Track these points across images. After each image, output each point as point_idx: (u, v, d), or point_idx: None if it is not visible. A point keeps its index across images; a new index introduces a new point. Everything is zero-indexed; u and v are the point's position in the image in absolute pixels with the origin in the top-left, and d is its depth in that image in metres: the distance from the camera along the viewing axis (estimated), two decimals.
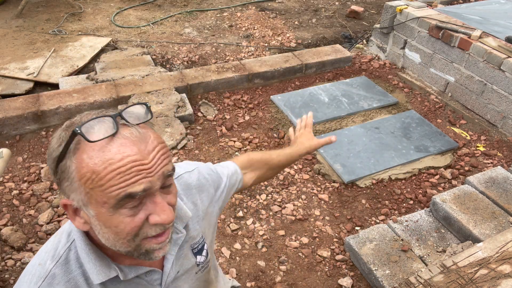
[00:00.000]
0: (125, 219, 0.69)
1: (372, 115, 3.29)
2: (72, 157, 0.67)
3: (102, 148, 0.66)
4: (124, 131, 0.68)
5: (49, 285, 0.76)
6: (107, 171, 0.65)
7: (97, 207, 0.68)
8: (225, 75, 3.43)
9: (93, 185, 0.66)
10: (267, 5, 5.23)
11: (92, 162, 0.66)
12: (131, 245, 0.72)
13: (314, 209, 2.48)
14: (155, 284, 0.88)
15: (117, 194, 0.66)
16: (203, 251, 1.00)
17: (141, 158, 0.67)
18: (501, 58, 2.92)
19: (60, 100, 3.00)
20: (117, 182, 0.65)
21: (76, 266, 0.78)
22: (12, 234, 2.18)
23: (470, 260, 1.69)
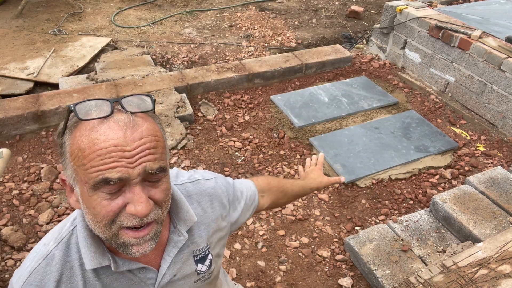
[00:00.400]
0: (102, 201, 0.69)
1: (372, 115, 3.29)
2: (69, 134, 0.70)
3: (92, 128, 0.68)
4: (118, 116, 0.69)
5: (47, 265, 0.79)
6: (90, 150, 0.66)
7: (81, 185, 0.70)
8: (225, 75, 3.43)
9: (79, 163, 0.68)
10: (267, 5, 5.23)
11: (80, 140, 0.68)
12: (108, 232, 0.72)
13: (314, 209, 2.48)
14: (148, 283, 0.87)
15: (95, 176, 0.66)
16: (206, 260, 0.97)
17: (122, 144, 0.67)
18: (501, 58, 2.92)
19: (60, 100, 3.00)
20: (97, 163, 0.66)
21: (75, 250, 0.80)
22: (12, 234, 2.18)
23: (470, 260, 1.69)
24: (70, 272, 0.80)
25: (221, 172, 2.71)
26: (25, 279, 0.79)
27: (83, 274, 0.80)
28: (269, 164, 2.79)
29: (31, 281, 0.79)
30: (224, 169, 2.73)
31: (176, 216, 0.89)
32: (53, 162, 2.71)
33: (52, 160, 2.73)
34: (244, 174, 2.70)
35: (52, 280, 0.79)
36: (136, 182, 0.69)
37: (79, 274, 0.80)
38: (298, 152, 2.90)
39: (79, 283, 0.80)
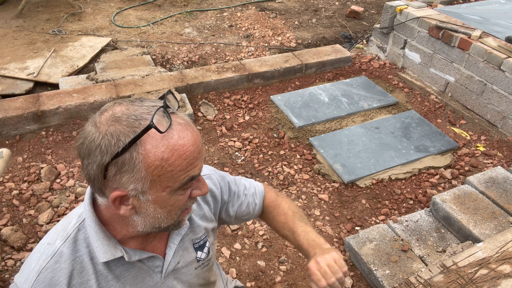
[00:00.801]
0: (179, 197, 0.78)
1: (372, 115, 3.29)
2: (138, 149, 0.70)
3: (164, 136, 0.71)
4: (174, 118, 0.74)
5: (56, 263, 0.80)
6: (175, 157, 0.72)
7: (157, 192, 0.74)
8: (225, 75, 3.43)
9: (162, 172, 0.72)
10: (267, 5, 5.23)
11: (159, 150, 0.71)
12: (175, 219, 0.82)
13: (314, 209, 2.48)
14: (156, 271, 0.91)
15: (183, 178, 0.74)
16: (204, 248, 1.03)
17: (197, 142, 0.76)
18: (501, 58, 2.92)
19: (60, 100, 3.00)
20: (185, 167, 0.74)
21: (83, 246, 0.82)
22: (12, 234, 2.18)
23: (470, 260, 1.69)
24: (81, 267, 0.82)
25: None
26: (34, 278, 0.79)
27: (94, 267, 0.83)
28: (269, 164, 2.79)
29: (42, 280, 0.79)
30: (224, 169, 2.73)
31: None
32: (53, 162, 2.71)
33: (52, 160, 2.73)
34: (244, 174, 2.71)
35: (63, 277, 0.80)
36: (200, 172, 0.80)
37: (90, 268, 0.82)
38: (298, 152, 2.90)
39: (91, 276, 0.82)
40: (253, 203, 1.18)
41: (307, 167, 2.78)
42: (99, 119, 0.73)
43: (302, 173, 2.73)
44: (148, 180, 0.72)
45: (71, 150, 2.81)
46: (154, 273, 0.92)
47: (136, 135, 0.69)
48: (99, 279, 0.84)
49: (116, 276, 0.85)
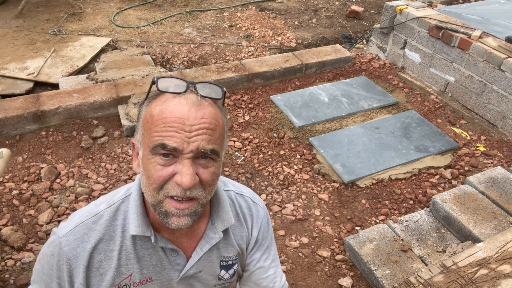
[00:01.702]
0: (156, 166, 0.78)
1: (372, 115, 3.29)
2: (147, 103, 0.82)
3: (166, 100, 0.79)
4: (189, 94, 0.79)
5: (94, 223, 0.88)
6: (157, 117, 0.77)
7: (144, 148, 0.80)
8: (225, 75, 3.43)
9: (147, 127, 0.79)
10: (267, 5, 5.23)
11: (154, 108, 0.79)
12: (155, 197, 0.80)
13: (314, 209, 2.48)
14: (175, 268, 0.93)
15: (156, 140, 0.76)
16: (230, 269, 1.02)
17: (185, 118, 0.76)
18: (501, 58, 2.92)
19: (60, 100, 3.00)
20: (159, 129, 0.76)
21: (121, 217, 0.89)
22: (12, 234, 2.18)
23: (470, 260, 1.69)
24: (112, 236, 0.88)
25: (221, 172, 2.71)
26: (70, 228, 0.87)
27: (122, 240, 0.88)
28: (269, 164, 2.79)
29: (76, 232, 0.87)
30: (224, 169, 2.73)
31: (216, 214, 0.95)
32: (53, 162, 2.71)
33: (52, 160, 2.73)
34: (244, 174, 2.71)
35: (93, 237, 0.87)
36: (188, 156, 0.76)
37: (119, 239, 0.88)
38: (298, 152, 2.90)
39: (116, 247, 0.87)
40: (273, 282, 1.09)
41: (307, 167, 2.78)
42: None
43: (302, 173, 2.73)
44: (141, 133, 0.81)
45: (71, 150, 2.82)
46: (173, 270, 0.93)
47: (148, 91, 0.83)
48: (121, 253, 0.88)
49: (138, 256, 0.89)
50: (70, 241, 0.86)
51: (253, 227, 1.04)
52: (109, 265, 0.88)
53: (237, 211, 1.01)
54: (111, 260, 0.88)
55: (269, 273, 1.08)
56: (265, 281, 1.08)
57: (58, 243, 0.87)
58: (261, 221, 1.05)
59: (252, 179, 2.67)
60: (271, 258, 1.09)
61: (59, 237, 0.87)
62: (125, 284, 0.90)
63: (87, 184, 2.56)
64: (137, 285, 0.91)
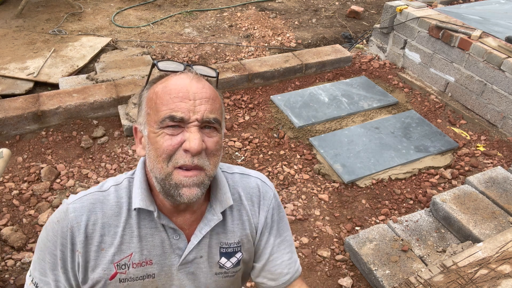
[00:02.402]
0: (165, 137, 0.81)
1: (372, 115, 3.29)
2: (148, 87, 0.88)
3: (167, 79, 0.86)
4: (188, 72, 0.87)
5: (102, 196, 0.91)
6: (162, 92, 0.83)
7: (150, 125, 0.84)
8: (225, 75, 3.43)
9: (152, 105, 0.84)
10: (267, 5, 5.23)
11: (157, 88, 0.85)
12: (164, 170, 0.82)
13: (314, 209, 2.48)
14: (176, 252, 0.93)
15: (164, 113, 0.80)
16: (232, 257, 0.98)
17: (187, 86, 0.83)
18: (501, 58, 2.92)
19: (60, 100, 3.00)
20: (166, 102, 0.81)
21: (126, 195, 0.92)
22: (12, 234, 2.18)
23: (470, 260, 1.69)
24: (118, 212, 0.90)
25: None
26: (79, 196, 0.91)
27: (127, 217, 0.90)
28: (269, 164, 2.79)
29: (84, 200, 0.90)
30: None
31: (214, 196, 0.95)
32: (53, 162, 2.71)
33: (52, 160, 2.73)
34: None
35: (100, 209, 0.89)
36: (195, 124, 0.81)
37: (124, 216, 0.90)
38: (298, 152, 2.90)
39: (121, 224, 0.89)
40: (287, 267, 1.04)
41: (307, 167, 2.78)
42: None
43: (302, 173, 2.73)
44: (146, 113, 0.86)
45: (71, 150, 2.82)
46: (173, 254, 0.92)
47: (149, 73, 0.93)
48: (125, 231, 0.89)
49: (140, 235, 0.90)
50: (76, 208, 0.88)
51: (261, 209, 1.00)
52: (112, 241, 0.88)
53: (239, 193, 0.99)
54: (114, 236, 0.89)
55: (283, 259, 1.03)
56: (279, 267, 1.03)
57: (65, 209, 0.89)
58: (269, 203, 1.01)
59: None
60: (286, 243, 1.04)
61: (67, 204, 0.90)
62: (124, 263, 0.90)
63: (87, 184, 2.56)
64: (136, 266, 0.91)
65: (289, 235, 1.07)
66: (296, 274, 1.06)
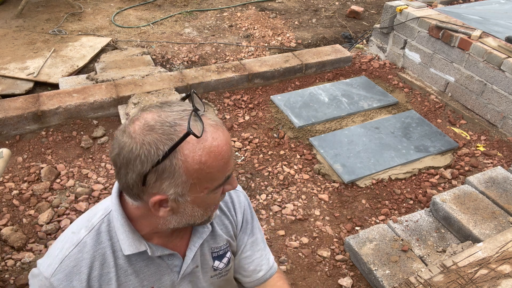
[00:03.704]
0: (216, 195, 0.81)
1: (372, 115, 3.29)
2: (177, 155, 0.72)
3: (199, 140, 0.73)
4: (205, 120, 0.76)
5: (79, 252, 0.83)
6: (212, 159, 0.74)
7: (196, 193, 0.77)
8: (225, 75, 3.43)
9: (201, 175, 0.74)
10: (267, 5, 5.23)
11: (197, 154, 0.72)
12: (208, 214, 0.85)
13: (314, 209, 2.48)
14: (174, 270, 0.93)
15: (221, 178, 0.78)
16: (224, 258, 1.03)
17: (228, 141, 0.78)
18: (501, 58, 2.92)
19: (60, 100, 3.00)
20: (221, 167, 0.76)
21: (106, 238, 0.85)
22: (12, 234, 2.18)
23: (470, 260, 1.69)
24: (103, 259, 0.84)
25: None
26: (57, 265, 0.82)
27: (115, 261, 0.85)
28: (269, 164, 2.79)
29: (64, 267, 0.82)
30: None
31: None
32: (53, 162, 2.71)
33: (52, 160, 2.73)
34: (244, 174, 2.71)
35: (85, 267, 0.82)
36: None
37: (111, 261, 0.85)
38: (298, 152, 2.90)
39: (112, 269, 0.85)
40: (259, 265, 1.09)
41: (307, 167, 2.78)
42: (132, 128, 0.73)
43: (302, 173, 2.73)
44: (188, 184, 0.75)
45: (71, 150, 2.82)
46: (172, 272, 0.93)
47: (175, 143, 0.70)
48: (118, 273, 0.86)
49: (135, 271, 0.88)
50: (62, 279, 0.81)
51: (237, 213, 1.06)
52: (109, 287, 0.86)
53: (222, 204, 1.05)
54: (110, 282, 0.86)
55: (255, 256, 1.08)
56: (252, 264, 1.08)
57: (49, 285, 0.81)
58: (243, 206, 1.07)
59: (252, 179, 2.67)
60: (257, 241, 1.10)
61: (47, 279, 0.81)
62: None
63: (87, 184, 2.56)
64: None
65: (260, 233, 1.12)
66: (271, 271, 1.11)
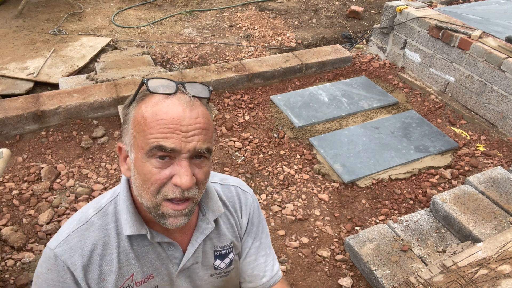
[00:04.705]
0: (153, 169, 0.77)
1: (372, 115, 3.29)
2: (136, 105, 0.81)
3: (157, 102, 0.78)
4: (180, 95, 0.79)
5: (86, 230, 0.87)
6: (152, 119, 0.76)
7: (136, 151, 0.79)
8: (225, 75, 3.43)
9: (139, 129, 0.78)
10: (267, 5, 5.23)
11: (145, 110, 0.78)
12: (152, 200, 0.79)
13: (314, 209, 2.48)
14: (173, 262, 0.94)
15: (152, 142, 0.75)
16: (226, 258, 1.02)
17: (181, 118, 0.76)
18: (501, 58, 2.92)
19: (60, 100, 3.00)
20: (155, 131, 0.75)
21: (112, 220, 0.88)
22: (12, 234, 2.18)
23: (470, 260, 1.69)
24: (107, 240, 0.87)
25: (221, 172, 2.71)
26: (63, 238, 0.86)
27: (118, 242, 0.87)
28: (269, 164, 2.79)
29: (69, 240, 0.85)
30: (224, 169, 2.73)
31: (206, 205, 0.96)
32: (53, 162, 2.71)
33: (52, 160, 2.73)
34: (244, 174, 2.71)
35: (89, 243, 0.86)
36: (185, 157, 0.77)
37: (115, 242, 0.87)
38: (298, 152, 2.90)
39: (114, 250, 0.87)
40: (263, 271, 1.06)
41: (307, 167, 2.78)
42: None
43: (302, 173, 2.73)
44: (132, 136, 0.80)
45: (71, 150, 2.82)
46: (171, 264, 0.94)
47: (135, 92, 0.81)
48: (120, 255, 0.88)
49: (137, 255, 0.89)
50: (65, 250, 0.84)
51: (243, 215, 1.04)
52: (110, 268, 0.87)
53: (224, 202, 1.02)
54: (111, 264, 0.87)
55: (259, 261, 1.06)
56: (255, 269, 1.07)
57: (52, 256, 0.84)
58: (250, 208, 1.05)
59: (252, 179, 2.67)
60: (263, 246, 1.08)
61: (52, 249, 0.85)
62: (127, 285, 0.90)
63: (87, 184, 2.56)
64: (140, 284, 0.92)
65: (266, 238, 1.10)
66: (275, 278, 1.09)
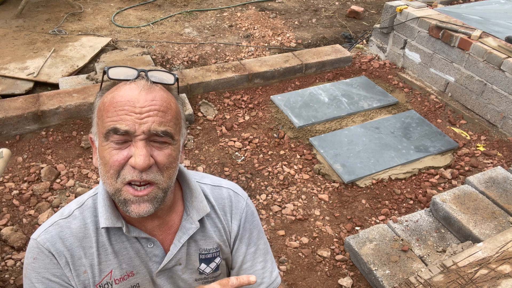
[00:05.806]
0: (111, 151, 0.78)
1: (372, 115, 3.29)
2: (100, 95, 0.83)
3: (117, 88, 0.81)
4: (140, 81, 0.81)
5: (68, 222, 0.89)
6: (109, 103, 0.78)
7: (99, 137, 0.81)
8: (225, 75, 3.43)
9: (99, 115, 0.81)
10: (267, 5, 5.23)
11: (106, 98, 0.80)
12: (113, 185, 0.79)
13: (314, 209, 2.48)
14: (153, 260, 0.92)
15: (108, 125, 0.77)
16: (212, 263, 0.99)
17: (134, 100, 0.77)
18: (501, 58, 2.92)
19: (60, 100, 3.00)
20: (111, 114, 0.77)
21: (91, 214, 0.90)
22: (12, 234, 2.19)
23: (470, 260, 1.69)
24: (87, 233, 0.88)
25: (221, 172, 2.72)
26: (44, 228, 0.89)
27: (97, 237, 0.88)
28: (269, 164, 2.79)
29: (50, 230, 0.88)
30: (224, 169, 2.73)
31: (191, 204, 0.94)
32: (53, 162, 2.71)
33: (52, 160, 2.73)
34: (244, 174, 2.71)
35: (69, 235, 0.87)
36: (141, 138, 0.77)
37: (94, 236, 0.88)
38: (298, 152, 2.90)
39: (93, 244, 0.88)
40: (260, 277, 1.03)
41: (307, 167, 2.78)
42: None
43: (302, 173, 2.73)
44: (96, 123, 0.82)
45: (71, 150, 2.82)
46: (151, 262, 0.91)
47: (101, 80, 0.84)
48: (99, 250, 0.88)
49: (115, 251, 0.89)
50: (48, 238, 0.86)
51: (233, 218, 1.00)
52: (89, 262, 0.87)
53: (211, 203, 0.98)
54: (91, 257, 0.87)
55: (256, 268, 1.03)
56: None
57: (36, 245, 0.86)
58: (241, 212, 1.00)
59: (252, 179, 2.67)
60: (259, 252, 1.04)
61: (35, 239, 0.87)
62: (106, 282, 0.89)
63: (87, 184, 2.56)
64: (119, 282, 0.90)
65: (263, 244, 1.06)
66: (273, 286, 1.07)
